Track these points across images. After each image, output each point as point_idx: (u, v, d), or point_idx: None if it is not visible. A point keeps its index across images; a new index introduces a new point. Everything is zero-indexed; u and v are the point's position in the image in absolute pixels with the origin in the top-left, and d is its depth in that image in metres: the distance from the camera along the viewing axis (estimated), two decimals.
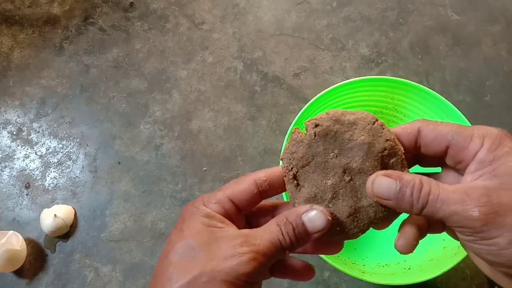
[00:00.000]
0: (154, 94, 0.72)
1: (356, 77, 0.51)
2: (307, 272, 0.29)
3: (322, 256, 0.42)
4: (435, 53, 0.74)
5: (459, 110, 0.48)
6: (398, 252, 0.53)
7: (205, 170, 0.65)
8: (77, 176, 0.66)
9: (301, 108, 0.49)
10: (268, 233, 0.25)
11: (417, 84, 0.50)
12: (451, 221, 0.23)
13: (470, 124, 0.46)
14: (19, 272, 0.59)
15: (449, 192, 0.23)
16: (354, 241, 0.54)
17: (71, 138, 0.69)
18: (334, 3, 0.80)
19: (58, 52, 0.76)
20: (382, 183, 0.24)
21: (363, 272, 0.45)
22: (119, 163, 0.66)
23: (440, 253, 0.47)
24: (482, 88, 0.71)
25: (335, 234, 0.27)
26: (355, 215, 0.26)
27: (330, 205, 0.26)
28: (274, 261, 0.25)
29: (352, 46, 0.76)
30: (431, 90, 0.49)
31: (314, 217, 0.25)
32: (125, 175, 0.65)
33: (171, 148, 0.67)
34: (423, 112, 0.51)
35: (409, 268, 0.47)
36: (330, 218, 0.25)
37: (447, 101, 0.49)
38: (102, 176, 0.65)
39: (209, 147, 0.67)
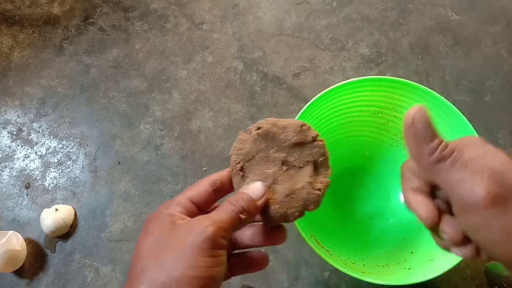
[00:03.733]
0: (154, 94, 0.72)
1: (356, 77, 0.51)
2: (261, 259, 0.32)
3: (322, 256, 0.42)
4: (435, 53, 0.74)
5: (459, 110, 0.48)
6: (398, 252, 0.52)
7: (205, 170, 0.65)
8: (77, 176, 0.66)
9: (301, 108, 0.49)
10: (220, 209, 0.28)
11: (417, 84, 0.50)
12: (450, 185, 0.24)
13: (470, 124, 0.46)
14: (19, 272, 0.59)
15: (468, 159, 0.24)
16: (354, 241, 0.54)
17: (71, 138, 0.69)
18: (334, 3, 0.80)
19: (58, 52, 0.76)
20: (425, 119, 0.25)
21: (363, 272, 0.45)
22: (119, 163, 0.66)
23: (440, 253, 0.47)
24: (482, 88, 0.71)
25: (276, 212, 0.30)
26: (291, 196, 0.30)
27: (270, 189, 0.30)
28: (235, 228, 0.28)
29: (352, 46, 0.76)
30: (431, 90, 0.49)
31: (253, 187, 0.29)
32: (125, 175, 0.65)
33: (171, 148, 0.67)
34: None
35: (409, 268, 0.47)
36: (266, 183, 0.30)
37: (447, 101, 0.48)
38: (102, 176, 0.65)
39: (209, 147, 0.67)
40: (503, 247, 0.22)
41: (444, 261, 0.44)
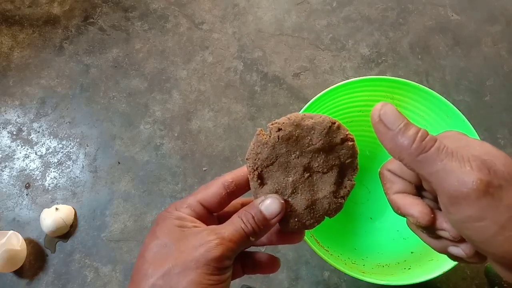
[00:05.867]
0: (154, 94, 0.72)
1: (356, 77, 0.51)
2: (272, 263, 0.31)
3: (322, 256, 0.42)
4: (435, 53, 0.74)
5: (459, 110, 0.48)
6: (398, 252, 0.52)
7: (205, 170, 0.65)
8: (77, 176, 0.66)
9: (301, 108, 0.49)
10: (231, 224, 0.27)
11: (417, 84, 0.50)
12: (437, 176, 0.22)
13: (470, 124, 0.46)
14: (19, 272, 0.59)
15: (453, 149, 0.23)
16: (354, 241, 0.54)
17: (71, 138, 0.69)
18: (334, 3, 0.80)
19: (58, 52, 0.76)
20: (393, 112, 0.24)
21: (363, 272, 0.45)
22: (119, 163, 0.66)
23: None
24: (482, 88, 0.71)
25: (294, 225, 0.29)
26: (311, 207, 0.29)
27: (290, 199, 0.28)
28: (242, 247, 0.27)
29: (352, 46, 0.76)
30: (431, 90, 0.49)
31: (269, 203, 0.27)
32: (125, 175, 0.65)
33: (171, 148, 0.67)
34: (423, 112, 0.51)
35: (409, 268, 0.47)
36: (283, 201, 0.28)
37: (447, 101, 0.48)
38: (102, 176, 0.65)
39: (209, 147, 0.67)
40: (497, 240, 0.21)
41: (444, 261, 0.44)
